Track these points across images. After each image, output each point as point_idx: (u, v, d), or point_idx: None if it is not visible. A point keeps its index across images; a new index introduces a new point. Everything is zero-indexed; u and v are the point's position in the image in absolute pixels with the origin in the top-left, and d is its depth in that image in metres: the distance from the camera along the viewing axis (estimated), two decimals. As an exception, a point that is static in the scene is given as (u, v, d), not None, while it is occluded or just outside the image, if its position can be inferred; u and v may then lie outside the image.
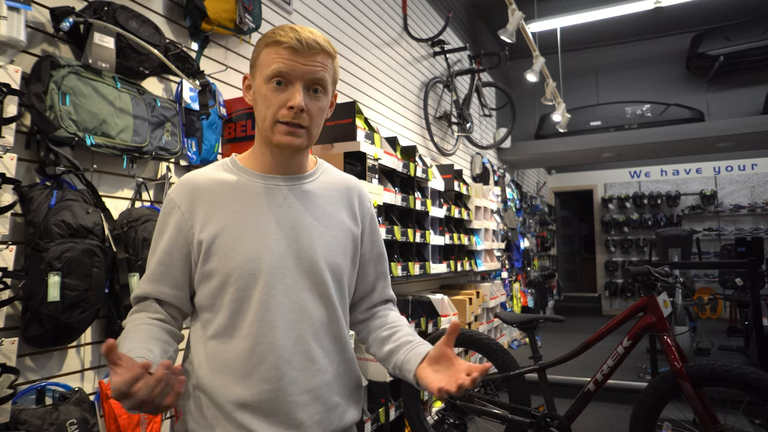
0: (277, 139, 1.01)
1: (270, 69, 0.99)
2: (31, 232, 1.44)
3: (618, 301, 9.95)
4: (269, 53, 1.00)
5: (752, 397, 2.07)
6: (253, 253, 1.00)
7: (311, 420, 1.01)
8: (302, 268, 1.03)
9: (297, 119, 0.99)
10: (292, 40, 0.98)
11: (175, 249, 1.04)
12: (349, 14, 3.47)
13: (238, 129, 2.22)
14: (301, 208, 1.07)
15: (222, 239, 1.01)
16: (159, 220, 1.07)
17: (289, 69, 0.98)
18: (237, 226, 1.02)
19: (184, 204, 1.04)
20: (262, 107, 1.02)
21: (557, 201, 11.19)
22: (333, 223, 1.10)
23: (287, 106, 0.99)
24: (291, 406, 0.99)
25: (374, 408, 2.76)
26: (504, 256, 6.09)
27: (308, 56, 0.99)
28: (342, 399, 1.07)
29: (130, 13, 1.75)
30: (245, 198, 1.04)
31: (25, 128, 1.51)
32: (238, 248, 1.00)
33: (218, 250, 1.01)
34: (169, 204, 1.06)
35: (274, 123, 1.00)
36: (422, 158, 3.81)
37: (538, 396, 2.58)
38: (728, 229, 9.14)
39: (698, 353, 5.17)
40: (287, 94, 0.99)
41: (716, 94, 7.28)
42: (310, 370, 1.02)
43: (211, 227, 1.01)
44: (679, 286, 4.20)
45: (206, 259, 1.01)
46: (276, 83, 0.99)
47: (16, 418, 1.35)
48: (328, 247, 1.07)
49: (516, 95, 6.55)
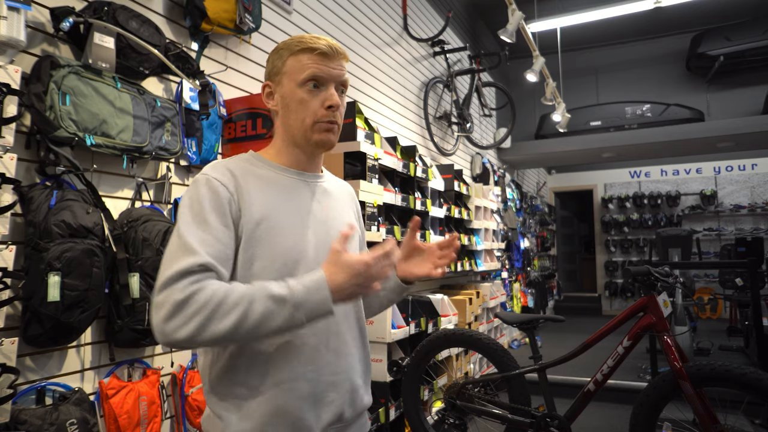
0: (318, 137, 1.09)
1: (305, 74, 1.07)
2: (31, 232, 1.44)
3: (618, 301, 9.95)
4: (300, 59, 1.08)
5: (752, 397, 2.07)
6: (298, 240, 1.06)
7: (341, 399, 1.06)
8: None
9: (334, 117, 1.09)
10: (324, 46, 1.07)
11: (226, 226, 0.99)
12: (349, 14, 3.47)
13: (238, 129, 2.22)
14: (328, 204, 1.15)
15: (265, 226, 1.03)
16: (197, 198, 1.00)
17: (324, 73, 1.07)
18: (279, 215, 1.05)
19: (230, 185, 1.02)
20: (299, 109, 1.08)
21: (557, 201, 11.19)
22: (347, 219, 1.21)
23: (326, 105, 1.07)
24: (324, 386, 1.04)
25: (374, 408, 2.75)
26: (504, 256, 6.09)
27: (336, 60, 1.09)
28: (362, 381, 1.14)
29: (130, 13, 1.75)
30: (281, 190, 1.09)
31: (25, 128, 1.51)
32: (282, 236, 1.04)
33: (261, 237, 1.02)
34: (210, 183, 1.01)
35: (314, 123, 1.08)
36: (422, 158, 3.81)
37: (538, 396, 2.58)
38: (728, 229, 9.14)
39: (698, 353, 5.17)
40: (323, 95, 1.08)
41: (716, 94, 7.28)
42: (341, 351, 1.07)
43: (255, 213, 1.03)
44: (679, 286, 4.20)
45: (249, 243, 1.01)
46: (312, 86, 1.07)
47: (16, 418, 1.35)
48: (352, 241, 1.18)
49: (516, 95, 6.55)
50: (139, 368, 1.79)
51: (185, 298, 0.88)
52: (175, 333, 0.88)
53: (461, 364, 3.91)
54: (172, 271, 0.90)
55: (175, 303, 0.88)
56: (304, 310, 0.91)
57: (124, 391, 1.65)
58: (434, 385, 3.32)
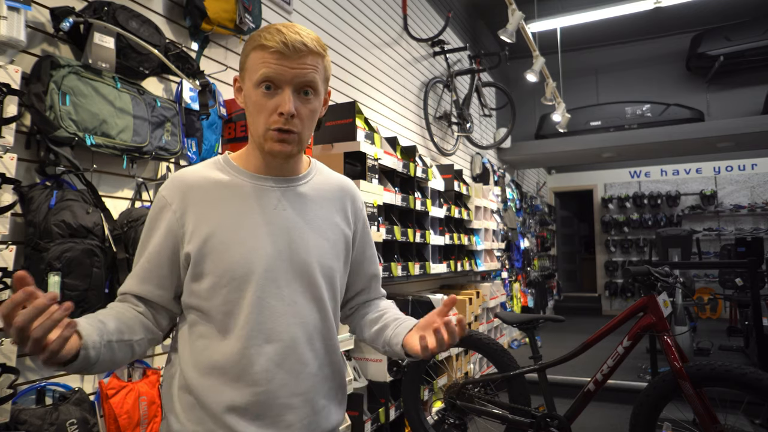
0: (269, 146, 1.00)
1: (258, 74, 0.97)
2: (31, 232, 1.44)
3: (618, 301, 9.95)
4: (256, 57, 0.97)
5: (752, 397, 2.07)
6: (246, 255, 0.99)
7: (300, 423, 1.01)
8: (295, 271, 1.03)
9: (288, 125, 0.98)
10: (278, 44, 0.94)
11: (164, 248, 1.01)
12: (349, 14, 3.47)
13: (238, 129, 2.22)
14: (295, 211, 1.06)
15: (214, 240, 0.99)
16: (149, 218, 1.04)
17: (276, 74, 0.96)
18: (230, 228, 1.00)
19: (175, 202, 1.01)
20: (253, 113, 1.00)
21: (557, 201, 11.19)
22: (326, 225, 1.10)
23: (277, 112, 0.97)
24: (280, 408, 0.99)
25: (374, 408, 2.76)
26: (504, 256, 6.08)
27: (296, 59, 0.96)
28: (327, 401, 1.08)
29: (130, 13, 1.75)
30: (238, 199, 1.03)
31: (25, 128, 1.51)
32: (231, 250, 0.99)
33: (210, 252, 0.99)
34: (160, 201, 1.03)
35: (266, 130, 0.99)
36: (422, 158, 3.81)
37: (538, 396, 2.58)
38: (728, 229, 9.14)
39: (698, 353, 5.17)
40: (277, 99, 0.97)
41: (716, 94, 7.28)
42: (301, 373, 1.01)
43: (204, 228, 1.00)
44: (679, 286, 4.20)
45: (198, 260, 0.99)
46: (265, 88, 0.97)
47: (16, 418, 1.35)
48: (322, 250, 1.07)
49: (516, 95, 6.55)
50: (139, 368, 1.79)
51: None
52: None
53: (461, 364, 3.91)
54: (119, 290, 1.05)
55: None
56: None
57: (124, 391, 1.65)
58: (434, 385, 3.32)
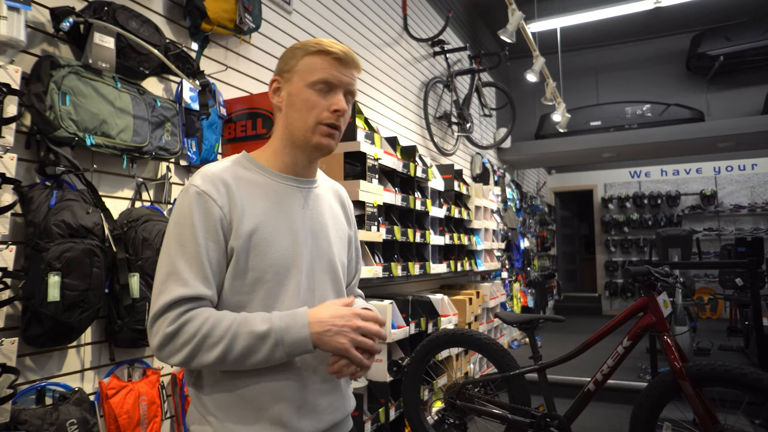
0: (318, 140, 1.08)
1: (317, 75, 1.06)
2: (31, 232, 1.44)
3: (618, 301, 9.95)
4: (315, 61, 1.07)
5: (752, 397, 2.07)
6: (287, 251, 1.05)
7: (332, 406, 1.09)
8: (325, 266, 1.12)
9: (338, 122, 1.08)
10: (340, 52, 1.07)
11: (217, 244, 1.00)
12: (349, 14, 3.47)
13: (238, 129, 2.22)
14: (318, 211, 1.15)
15: (257, 237, 1.03)
16: (189, 213, 1.00)
17: (335, 77, 1.07)
18: (270, 225, 1.05)
19: (221, 199, 1.01)
20: (303, 108, 1.07)
21: (557, 201, 11.19)
22: (337, 225, 1.20)
23: (332, 109, 1.07)
24: (315, 394, 1.06)
25: (374, 408, 2.76)
26: (504, 256, 6.08)
27: (349, 68, 1.10)
28: (346, 384, 1.17)
29: (130, 13, 1.75)
30: (272, 197, 1.08)
31: (25, 128, 1.51)
32: (273, 246, 1.04)
33: (253, 249, 1.02)
34: (201, 197, 1.00)
35: (317, 125, 1.07)
36: (422, 158, 3.81)
37: (538, 396, 2.58)
38: (728, 229, 9.14)
39: (698, 353, 5.17)
40: (331, 98, 1.07)
41: (716, 94, 7.28)
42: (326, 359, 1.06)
43: (247, 224, 1.02)
44: (679, 286, 4.20)
45: (241, 255, 1.01)
46: (320, 88, 1.07)
47: (16, 418, 1.35)
48: (339, 247, 1.18)
49: (516, 95, 6.55)
50: (139, 368, 1.79)
51: (174, 331, 0.95)
52: (168, 359, 0.97)
53: (461, 364, 3.91)
54: (162, 302, 0.96)
55: (165, 335, 0.95)
56: (283, 347, 0.97)
57: (124, 391, 1.65)
58: (434, 385, 3.32)
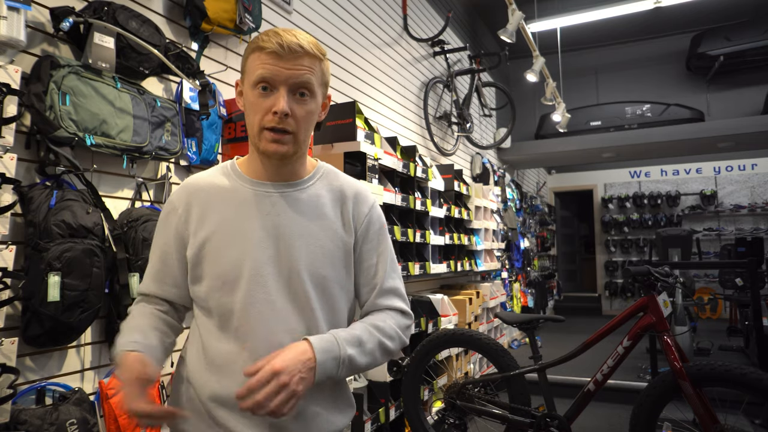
0: (264, 146, 1.02)
1: (255, 75, 1.00)
2: (31, 232, 1.44)
3: (618, 301, 9.95)
4: (254, 59, 1.01)
5: (752, 397, 2.07)
6: (236, 260, 1.03)
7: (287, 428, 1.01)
8: (283, 277, 1.03)
9: (282, 124, 0.99)
10: (274, 45, 0.98)
11: (173, 249, 1.09)
12: (349, 14, 3.47)
13: (238, 129, 2.22)
14: (290, 217, 1.06)
15: (211, 244, 1.04)
16: (159, 221, 1.14)
17: (271, 74, 0.98)
18: (225, 232, 1.05)
19: (181, 207, 1.09)
20: (250, 113, 1.03)
21: (557, 201, 11.19)
22: (322, 232, 1.07)
23: (272, 111, 0.99)
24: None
25: (374, 408, 2.76)
26: (504, 256, 6.08)
27: (291, 60, 0.99)
28: (322, 409, 1.06)
29: (130, 13, 1.74)
30: (235, 204, 1.07)
31: (25, 128, 1.51)
32: (224, 254, 1.03)
33: (207, 255, 1.05)
34: (168, 205, 1.12)
35: (261, 130, 1.01)
36: (422, 158, 3.81)
37: (538, 396, 2.58)
38: (728, 229, 9.14)
39: (698, 353, 5.17)
40: (272, 99, 0.99)
41: (716, 94, 7.28)
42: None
43: (203, 231, 1.06)
44: (679, 286, 4.20)
45: (196, 262, 1.06)
46: (261, 89, 1.00)
47: (16, 418, 1.34)
48: (313, 258, 1.05)
49: (516, 95, 6.55)
50: (139, 368, 1.79)
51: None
52: None
53: (461, 364, 3.91)
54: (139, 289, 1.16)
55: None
56: None
57: (124, 391, 1.65)
58: (434, 385, 3.32)
